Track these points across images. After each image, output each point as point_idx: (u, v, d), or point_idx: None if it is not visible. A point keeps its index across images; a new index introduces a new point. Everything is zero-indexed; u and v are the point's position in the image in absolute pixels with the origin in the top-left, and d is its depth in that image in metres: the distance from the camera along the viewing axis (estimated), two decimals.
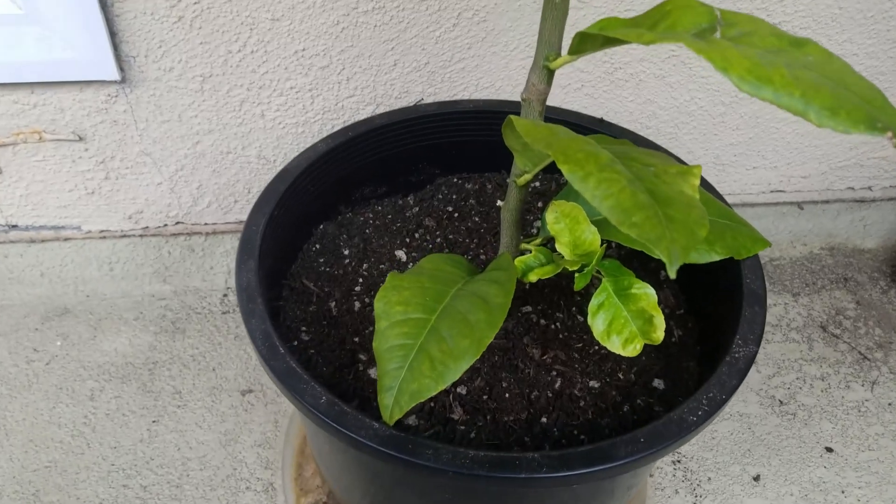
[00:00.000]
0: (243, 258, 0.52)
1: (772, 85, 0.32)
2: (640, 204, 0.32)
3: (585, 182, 0.32)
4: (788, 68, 0.33)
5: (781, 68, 0.33)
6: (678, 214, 0.32)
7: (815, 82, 0.33)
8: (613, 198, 0.31)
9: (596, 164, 0.33)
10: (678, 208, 0.33)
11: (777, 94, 0.32)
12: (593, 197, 0.32)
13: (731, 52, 0.33)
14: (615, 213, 0.31)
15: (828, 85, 0.33)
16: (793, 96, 0.32)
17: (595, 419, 0.52)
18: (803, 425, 0.87)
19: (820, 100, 0.32)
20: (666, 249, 0.30)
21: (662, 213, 0.32)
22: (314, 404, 0.43)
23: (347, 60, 0.80)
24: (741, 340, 0.48)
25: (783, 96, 0.32)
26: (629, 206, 0.31)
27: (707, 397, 0.45)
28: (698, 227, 0.32)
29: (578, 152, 0.33)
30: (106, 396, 0.86)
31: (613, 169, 0.33)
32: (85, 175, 0.87)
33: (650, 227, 0.31)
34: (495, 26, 0.80)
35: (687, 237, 0.31)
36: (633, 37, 0.34)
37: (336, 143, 0.63)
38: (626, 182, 0.33)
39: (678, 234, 0.31)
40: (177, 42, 0.75)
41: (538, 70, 0.43)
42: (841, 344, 0.97)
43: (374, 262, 0.64)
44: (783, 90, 0.32)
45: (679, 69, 0.88)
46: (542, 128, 0.36)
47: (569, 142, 0.34)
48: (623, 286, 0.49)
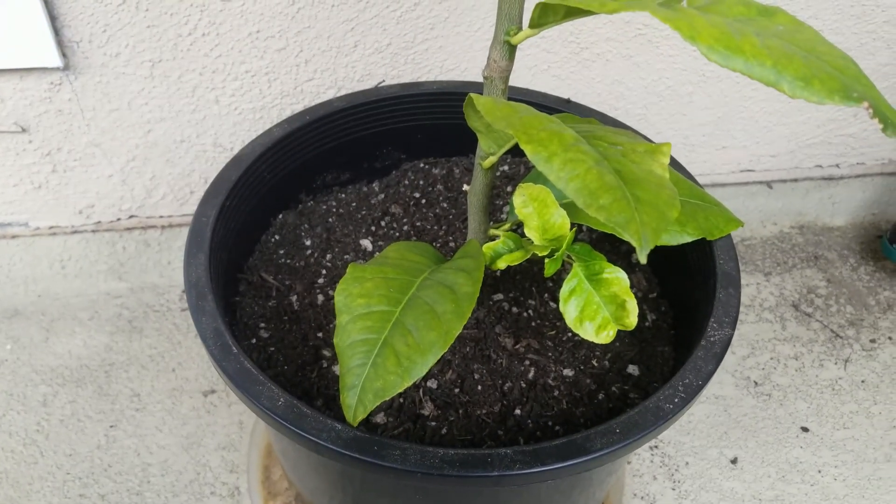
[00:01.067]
0: (192, 252, 0.49)
1: (742, 55, 0.30)
2: (607, 185, 0.29)
3: (549, 163, 0.30)
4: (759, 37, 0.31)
5: (752, 37, 0.31)
6: (647, 195, 0.30)
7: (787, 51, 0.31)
8: (579, 179, 0.29)
9: (560, 144, 0.30)
10: (647, 189, 0.31)
11: (748, 63, 0.30)
12: (558, 178, 0.29)
13: (698, 20, 0.31)
14: (581, 195, 0.29)
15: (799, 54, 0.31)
16: (764, 66, 0.30)
17: (570, 409, 0.50)
18: (779, 405, 0.86)
19: (792, 69, 0.30)
20: (635, 233, 0.28)
21: (631, 195, 0.30)
22: (271, 407, 0.40)
23: (305, 42, 0.76)
24: (716, 323, 0.46)
25: (754, 66, 0.30)
26: (596, 187, 0.29)
27: (683, 384, 0.43)
28: (669, 209, 0.30)
29: (541, 131, 0.31)
30: (60, 401, 0.82)
31: (579, 149, 0.31)
32: (30, 168, 0.82)
33: (618, 210, 0.29)
34: (458, 5, 0.77)
35: (657, 219, 0.29)
36: (596, 6, 0.32)
37: (293, 127, 0.60)
38: (592, 162, 0.30)
39: (648, 216, 0.29)
40: (122, 26, 0.71)
41: (499, 45, 0.40)
42: (813, 322, 0.97)
43: (339, 252, 0.62)
44: (754, 60, 0.30)
45: (647, 49, 0.86)
46: (504, 106, 0.34)
47: (531, 120, 0.32)
48: (594, 271, 0.47)
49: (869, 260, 1.07)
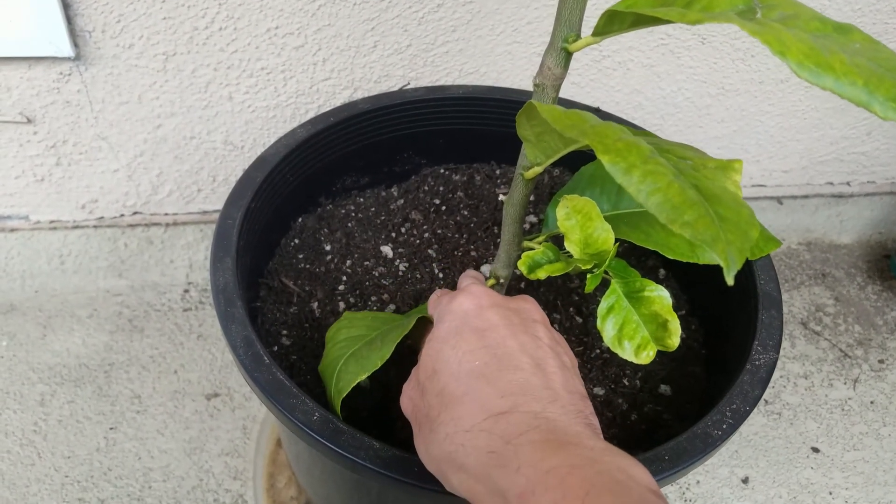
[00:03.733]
0: (219, 255, 0.47)
1: (833, 72, 0.29)
2: (690, 201, 0.28)
3: (629, 175, 0.28)
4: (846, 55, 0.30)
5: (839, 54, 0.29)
6: (729, 213, 0.29)
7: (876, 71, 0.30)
8: (661, 193, 0.28)
9: (639, 156, 0.29)
10: (727, 206, 0.29)
11: (838, 82, 0.29)
12: (638, 191, 0.28)
13: (785, 35, 0.30)
14: (664, 209, 0.27)
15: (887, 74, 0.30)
16: (856, 85, 0.29)
17: (603, 430, 0.48)
18: (789, 425, 0.86)
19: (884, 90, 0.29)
20: (723, 252, 0.27)
21: (713, 212, 0.28)
22: (306, 422, 0.39)
23: (324, 40, 0.74)
24: (760, 347, 0.45)
25: (845, 85, 0.29)
26: (679, 202, 0.28)
27: (730, 409, 0.41)
28: (750, 228, 0.29)
29: (618, 141, 0.29)
30: (58, 401, 0.79)
31: (657, 161, 0.29)
32: (34, 160, 0.79)
33: (704, 227, 0.27)
34: (482, 8, 0.75)
35: (741, 238, 0.28)
36: (675, 16, 0.31)
37: (317, 128, 0.58)
38: (672, 176, 0.29)
39: (732, 234, 0.28)
40: (137, 17, 0.69)
41: (555, 52, 0.38)
42: (822, 341, 0.96)
43: (358, 258, 0.60)
44: (845, 78, 0.29)
45: (668, 59, 0.85)
46: (572, 114, 0.32)
47: (605, 129, 0.30)
48: (634, 288, 0.46)
49: (876, 279, 1.07)
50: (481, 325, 0.37)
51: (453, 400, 0.34)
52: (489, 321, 0.38)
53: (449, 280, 0.58)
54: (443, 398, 0.35)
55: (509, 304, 0.41)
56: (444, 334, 0.38)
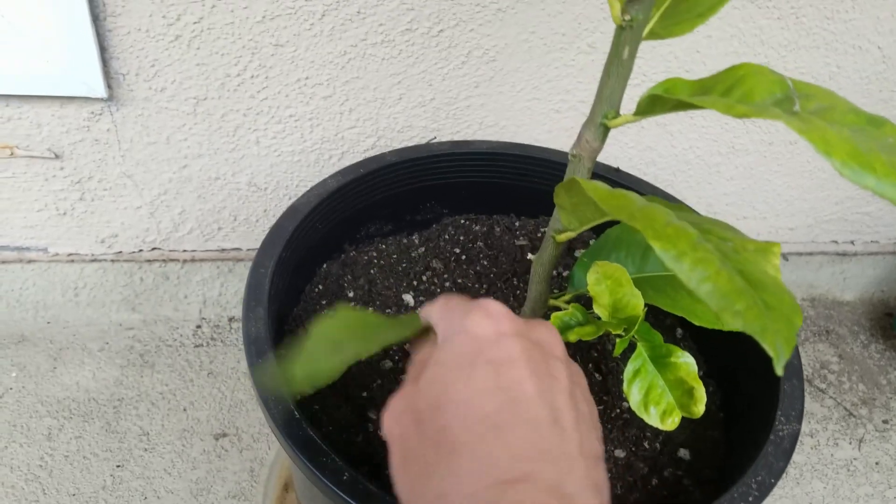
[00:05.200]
0: (251, 305, 0.48)
1: (874, 173, 0.30)
2: (738, 290, 0.29)
3: (680, 262, 0.29)
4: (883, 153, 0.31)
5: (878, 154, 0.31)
6: (774, 301, 0.30)
7: None
8: (711, 281, 0.29)
9: (688, 243, 0.30)
10: (772, 294, 0.30)
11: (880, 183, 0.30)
12: (689, 279, 0.29)
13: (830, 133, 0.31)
14: (715, 298, 0.28)
15: None
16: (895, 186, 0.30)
17: (625, 494, 0.49)
18: (795, 484, 0.86)
19: None
20: (772, 343, 0.28)
21: (760, 300, 0.29)
22: (335, 482, 0.39)
23: (352, 92, 0.76)
24: (783, 417, 0.46)
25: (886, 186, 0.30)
26: (728, 291, 0.29)
27: (756, 481, 0.42)
28: (795, 316, 0.30)
29: (667, 227, 0.30)
30: (65, 436, 0.79)
31: (705, 248, 0.30)
32: (57, 195, 0.80)
33: (754, 317, 0.28)
34: (504, 66, 0.78)
35: (787, 327, 0.29)
36: (722, 107, 0.32)
37: (347, 179, 0.60)
38: (720, 263, 0.30)
39: (779, 323, 0.29)
40: (172, 62, 0.71)
41: (594, 127, 0.40)
42: (827, 399, 0.97)
43: (380, 305, 0.61)
44: (886, 179, 0.30)
45: (680, 118, 0.88)
46: (619, 195, 0.33)
47: (652, 212, 0.31)
48: (660, 353, 0.47)
49: (879, 337, 1.08)
50: (498, 358, 0.33)
51: (456, 449, 0.30)
52: (508, 354, 0.33)
53: None
54: (443, 441, 0.31)
55: (531, 332, 0.36)
56: (454, 361, 0.33)
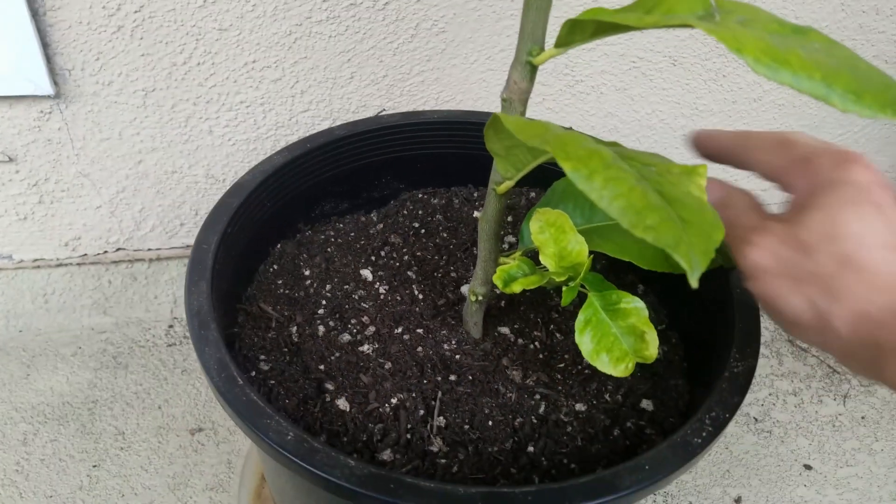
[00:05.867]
0: (193, 280, 0.47)
1: (790, 67, 0.29)
2: (652, 205, 0.28)
3: (591, 181, 0.28)
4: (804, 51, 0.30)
5: (797, 50, 0.30)
6: (692, 216, 0.29)
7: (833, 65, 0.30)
8: (623, 198, 0.28)
9: (601, 162, 0.29)
10: (690, 210, 0.30)
11: (796, 76, 0.29)
12: (601, 197, 0.28)
13: (741, 32, 0.30)
14: (627, 214, 0.28)
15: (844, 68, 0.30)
16: (813, 79, 0.29)
17: (585, 446, 0.48)
18: (780, 443, 0.85)
19: (842, 83, 0.29)
20: (685, 255, 0.27)
21: (676, 215, 0.29)
22: (280, 441, 0.38)
23: (301, 73, 0.75)
24: (738, 354, 0.45)
25: (803, 79, 0.29)
26: (641, 206, 0.28)
27: (710, 416, 0.41)
28: (714, 231, 0.29)
29: (579, 149, 0.30)
30: (41, 440, 0.78)
31: (619, 167, 0.30)
32: (16, 199, 0.80)
33: (666, 230, 0.28)
34: (455, 37, 0.77)
35: (704, 241, 0.28)
36: (633, 20, 0.32)
37: (293, 154, 0.59)
38: (634, 181, 0.29)
39: (695, 237, 0.28)
40: (116, 54, 0.70)
41: (520, 66, 0.39)
42: (810, 358, 0.96)
43: (338, 282, 0.60)
44: (803, 72, 0.29)
45: (640, 81, 0.87)
46: (536, 124, 0.33)
47: (567, 137, 0.31)
48: (611, 301, 0.46)
49: None
50: (879, 202, 0.36)
51: (862, 267, 0.34)
52: (884, 199, 0.36)
53: (428, 301, 0.58)
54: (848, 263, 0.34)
55: None
56: (841, 203, 0.36)
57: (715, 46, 0.84)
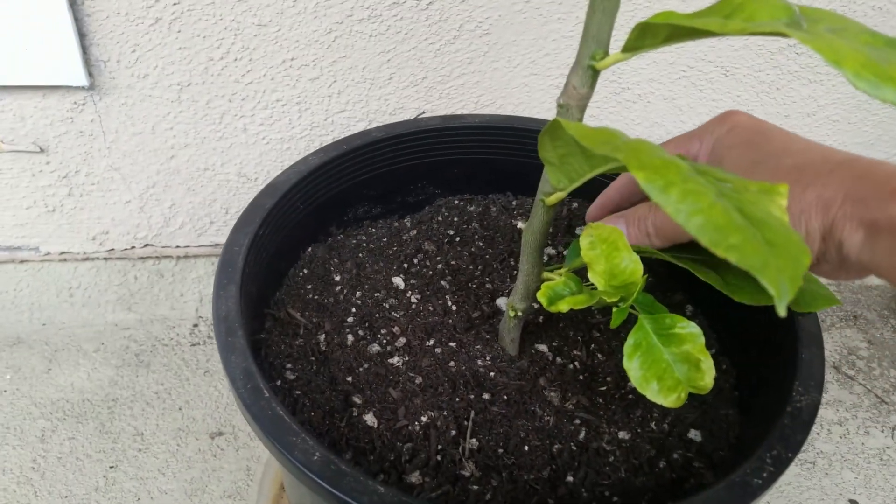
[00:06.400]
0: (222, 283, 0.45)
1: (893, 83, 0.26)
2: (734, 223, 0.25)
3: (667, 193, 0.25)
4: None
5: None
6: (777, 238, 0.26)
7: None
8: (703, 214, 0.25)
9: (678, 174, 0.26)
10: (774, 231, 0.27)
11: None
12: (677, 211, 0.25)
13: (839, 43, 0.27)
14: (707, 231, 0.25)
15: None
16: None
17: (629, 477, 0.45)
18: (824, 475, 0.81)
19: None
20: (773, 279, 0.24)
21: (761, 236, 0.26)
22: (305, 462, 0.36)
23: (339, 72, 0.73)
24: (801, 387, 0.42)
25: None
26: (723, 224, 0.25)
27: (771, 455, 0.38)
28: (802, 255, 0.26)
29: (654, 158, 0.27)
30: (58, 438, 0.77)
31: (696, 180, 0.27)
32: (45, 191, 0.78)
33: (752, 252, 0.24)
34: (499, 40, 0.74)
35: (793, 265, 0.25)
36: (715, 26, 0.29)
37: (329, 156, 0.57)
38: (713, 196, 0.26)
39: (783, 261, 0.25)
40: (153, 46, 0.68)
41: (581, 70, 0.36)
42: (856, 386, 0.91)
43: (369, 289, 0.57)
44: None
45: (689, 91, 0.83)
46: (603, 130, 0.30)
47: (640, 145, 0.28)
48: (664, 325, 0.43)
49: None
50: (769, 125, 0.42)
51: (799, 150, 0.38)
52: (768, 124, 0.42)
53: (462, 313, 0.55)
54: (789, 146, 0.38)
55: None
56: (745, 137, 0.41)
57: (769, 58, 0.80)
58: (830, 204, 0.35)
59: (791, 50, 0.79)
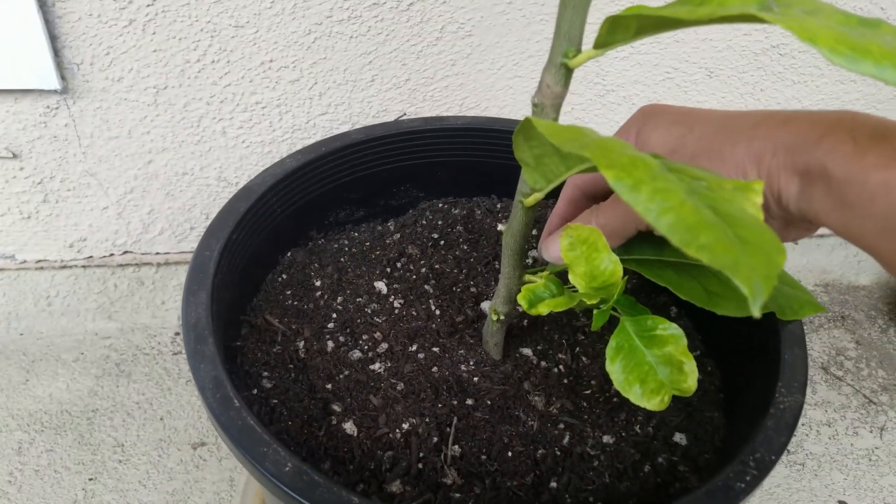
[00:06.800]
0: (193, 289, 0.44)
1: (871, 56, 0.25)
2: (705, 222, 0.24)
3: (636, 192, 0.25)
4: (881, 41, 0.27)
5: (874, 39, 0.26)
6: (750, 236, 0.25)
7: None
8: (673, 212, 0.24)
9: (647, 171, 0.25)
10: (748, 229, 0.26)
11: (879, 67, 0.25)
12: (647, 210, 0.24)
13: (809, 22, 0.27)
14: (677, 231, 0.24)
15: None
16: None
17: (613, 483, 0.44)
18: (813, 476, 0.80)
19: None
20: (746, 278, 0.23)
21: (734, 234, 0.25)
22: (276, 473, 0.35)
23: (320, 74, 0.72)
24: (784, 388, 0.41)
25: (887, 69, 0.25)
26: (693, 222, 0.24)
27: (754, 458, 0.37)
28: (776, 253, 0.25)
29: (622, 156, 0.26)
30: (36, 450, 0.75)
31: (667, 178, 0.26)
32: (20, 197, 0.77)
33: (723, 250, 0.24)
34: (481, 41, 0.74)
35: (766, 264, 0.24)
36: (684, 14, 0.28)
37: (307, 158, 0.56)
38: (684, 194, 0.25)
39: (756, 259, 0.24)
40: (127, 49, 0.67)
41: (554, 69, 0.35)
42: (844, 387, 0.91)
43: (351, 294, 0.56)
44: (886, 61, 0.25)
45: (674, 93, 0.83)
46: (571, 128, 0.29)
47: (608, 143, 0.27)
48: (645, 327, 0.42)
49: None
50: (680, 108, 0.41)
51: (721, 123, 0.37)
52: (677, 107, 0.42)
53: (446, 317, 0.54)
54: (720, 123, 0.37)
55: None
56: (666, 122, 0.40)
57: (753, 59, 0.80)
58: (762, 156, 0.34)
59: (775, 51, 0.79)
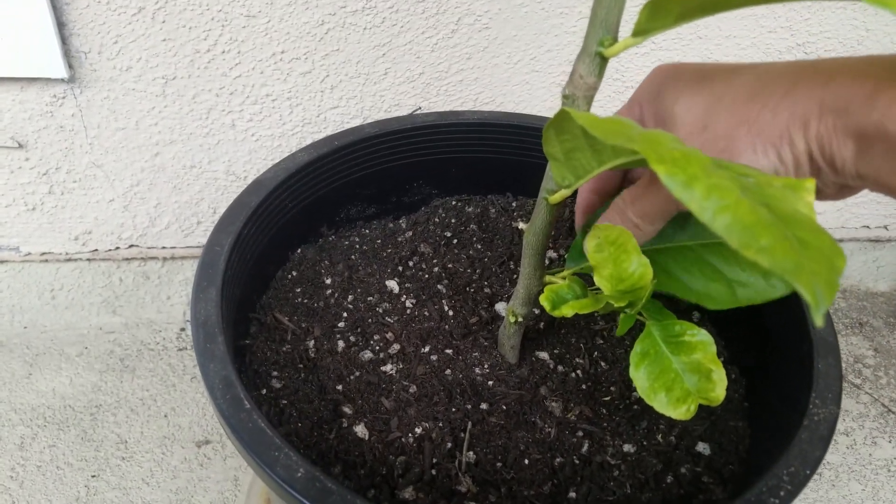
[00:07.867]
0: (202, 285, 0.42)
1: None
2: (763, 222, 0.23)
3: (690, 189, 0.23)
4: None
5: None
6: (810, 238, 0.24)
7: None
8: (730, 211, 0.22)
9: (700, 167, 0.23)
10: (807, 230, 0.24)
11: None
12: (702, 209, 0.22)
13: None
14: (734, 231, 0.22)
15: None
16: None
17: (634, 494, 0.42)
18: (831, 486, 0.78)
19: None
20: (809, 284, 0.21)
21: (793, 236, 0.23)
22: (288, 479, 0.33)
23: (332, 66, 0.71)
24: (818, 400, 0.39)
25: None
26: (751, 222, 0.22)
27: (788, 472, 0.35)
28: (836, 257, 0.24)
29: (674, 150, 0.24)
30: (38, 445, 0.74)
31: (720, 174, 0.24)
32: (25, 188, 0.75)
33: (784, 254, 0.22)
34: (498, 34, 0.72)
35: (828, 269, 0.23)
36: None
37: (319, 153, 0.54)
38: (739, 192, 0.24)
39: (817, 264, 0.22)
40: (136, 38, 0.66)
41: (588, 58, 0.34)
42: (863, 395, 0.89)
43: (361, 293, 0.54)
44: None
45: None
46: (615, 120, 0.27)
47: (658, 136, 0.25)
48: (673, 332, 0.40)
49: None
50: None
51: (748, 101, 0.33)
52: None
53: (459, 318, 0.53)
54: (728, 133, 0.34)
55: None
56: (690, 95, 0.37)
57: (777, 57, 0.77)
58: (807, 121, 0.31)
59: (800, 49, 0.77)
